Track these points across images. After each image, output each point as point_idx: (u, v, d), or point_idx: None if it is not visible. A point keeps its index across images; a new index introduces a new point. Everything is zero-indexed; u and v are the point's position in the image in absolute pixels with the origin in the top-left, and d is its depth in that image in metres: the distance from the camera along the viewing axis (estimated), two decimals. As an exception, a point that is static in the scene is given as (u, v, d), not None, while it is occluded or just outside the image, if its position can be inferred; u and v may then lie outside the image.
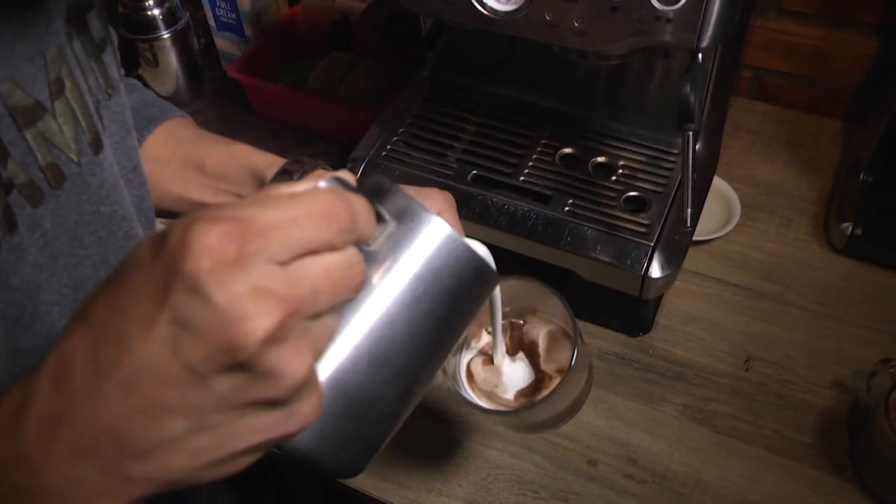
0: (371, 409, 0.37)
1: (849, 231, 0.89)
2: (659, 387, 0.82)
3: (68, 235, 0.47)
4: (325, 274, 0.31)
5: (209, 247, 0.29)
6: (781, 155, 1.04)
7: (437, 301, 0.37)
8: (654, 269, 0.76)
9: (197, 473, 0.32)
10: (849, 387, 0.81)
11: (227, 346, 0.29)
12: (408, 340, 0.36)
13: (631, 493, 0.75)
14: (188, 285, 0.29)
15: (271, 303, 0.29)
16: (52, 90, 0.45)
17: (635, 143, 0.86)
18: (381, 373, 0.36)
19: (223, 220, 0.29)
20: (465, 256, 0.37)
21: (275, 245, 0.30)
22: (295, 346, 0.30)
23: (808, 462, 0.76)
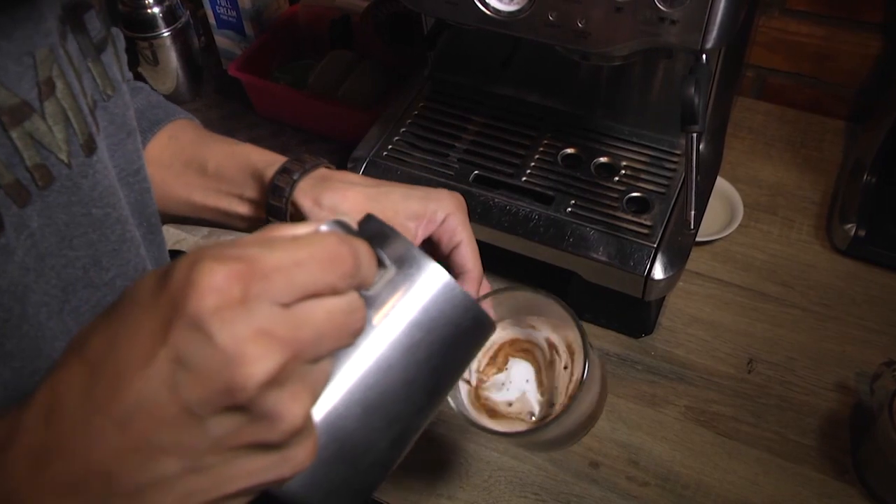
0: (363, 455, 0.37)
1: (852, 232, 0.89)
2: (661, 388, 0.82)
3: (57, 237, 0.47)
4: (328, 318, 0.31)
5: (214, 286, 0.28)
6: (784, 155, 1.04)
7: (434, 349, 0.37)
8: (657, 270, 0.76)
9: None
10: (851, 389, 0.80)
11: (227, 388, 0.28)
12: (402, 387, 0.36)
13: (633, 496, 0.74)
14: (191, 323, 0.28)
15: (273, 346, 0.29)
16: (41, 90, 0.44)
17: (637, 144, 0.86)
18: (375, 419, 0.36)
19: (229, 259, 0.29)
20: (462, 305, 0.37)
21: (279, 287, 0.30)
22: (294, 391, 0.30)
23: (810, 464, 0.75)
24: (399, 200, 0.55)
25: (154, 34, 1.06)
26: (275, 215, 0.57)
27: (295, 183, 0.56)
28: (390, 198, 0.56)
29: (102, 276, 0.51)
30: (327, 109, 1.05)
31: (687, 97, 0.66)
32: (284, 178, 0.56)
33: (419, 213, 0.55)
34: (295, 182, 0.56)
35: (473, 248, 0.56)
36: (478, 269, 0.56)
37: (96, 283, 0.50)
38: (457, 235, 0.55)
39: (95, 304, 0.50)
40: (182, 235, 0.99)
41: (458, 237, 0.55)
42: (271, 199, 0.56)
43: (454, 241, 0.56)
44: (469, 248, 0.56)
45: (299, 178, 0.57)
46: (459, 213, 0.56)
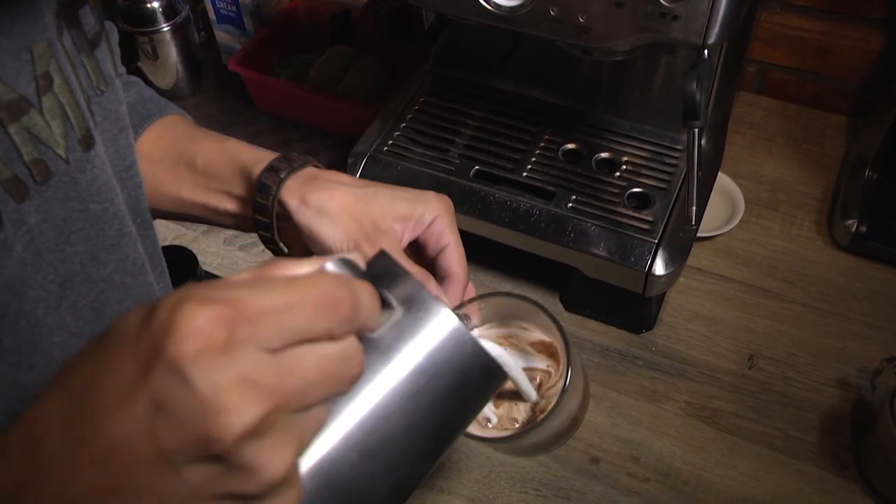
0: (360, 502, 0.35)
1: (853, 228, 0.89)
2: (662, 384, 0.82)
3: (55, 232, 0.46)
4: (319, 366, 0.30)
5: (197, 330, 0.27)
6: (785, 150, 1.04)
7: (439, 397, 0.35)
8: (658, 266, 0.76)
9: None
10: (853, 385, 0.80)
11: (203, 437, 0.27)
12: (403, 435, 0.35)
13: (633, 492, 0.74)
14: (170, 367, 0.27)
15: (255, 395, 0.28)
16: (39, 85, 0.44)
17: (639, 139, 0.86)
18: (372, 466, 0.34)
19: (214, 302, 0.28)
20: (472, 352, 0.35)
21: (267, 332, 0.28)
22: (276, 442, 0.29)
23: (811, 460, 0.75)
24: (387, 202, 0.55)
25: (154, 29, 1.06)
26: (261, 213, 0.57)
27: (282, 181, 0.56)
28: (378, 199, 0.55)
29: (100, 272, 0.51)
30: (327, 104, 1.05)
31: (689, 93, 0.66)
32: (271, 176, 0.56)
33: (406, 215, 0.55)
34: (282, 181, 0.56)
35: (460, 251, 0.55)
36: (464, 273, 0.55)
37: (94, 279, 0.50)
38: (444, 238, 0.55)
39: (93, 300, 0.50)
40: (182, 231, 0.99)
41: (444, 240, 0.55)
42: (258, 196, 0.56)
43: (441, 243, 0.55)
44: (456, 252, 0.55)
45: (286, 177, 0.56)
46: (447, 215, 0.56)
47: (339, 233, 0.53)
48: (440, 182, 0.83)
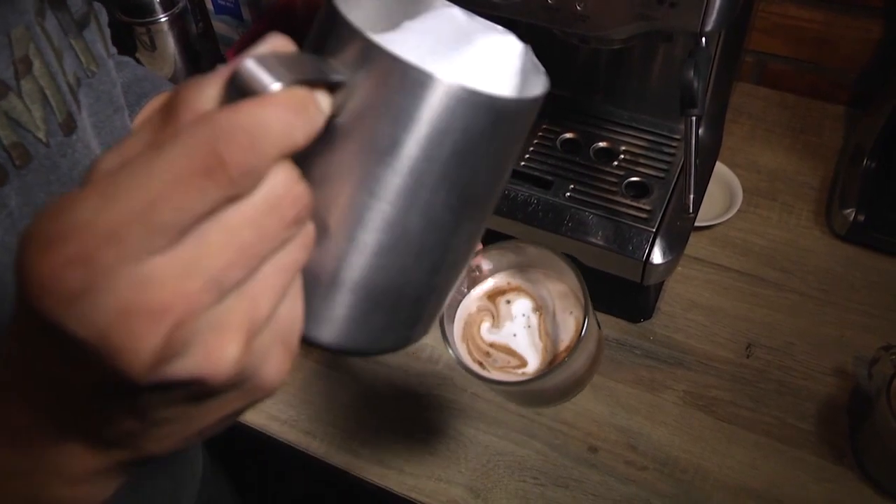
0: (401, 294, 0.31)
1: (851, 217, 0.89)
2: (660, 373, 0.82)
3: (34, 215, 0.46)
4: (228, 242, 0.24)
5: (46, 284, 0.23)
6: (784, 140, 1.04)
7: (447, 168, 0.28)
8: (656, 255, 0.76)
9: (174, 447, 0.29)
10: (850, 374, 0.80)
11: (120, 380, 0.24)
12: (420, 219, 0.29)
13: (631, 480, 0.75)
14: (48, 329, 0.24)
15: (146, 320, 0.23)
16: (17, 69, 0.44)
17: (637, 129, 0.86)
18: (398, 259, 0.30)
19: (58, 240, 0.23)
20: (469, 101, 0.27)
21: (135, 242, 0.23)
22: (206, 345, 0.25)
23: (808, 449, 0.76)
24: None
25: (151, 19, 1.06)
26: None
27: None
28: None
29: None
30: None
31: (686, 80, 0.65)
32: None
33: None
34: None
35: None
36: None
37: None
38: None
39: None
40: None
41: None
42: None
43: None
44: None
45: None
46: None
47: None
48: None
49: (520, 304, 0.59)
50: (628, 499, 0.73)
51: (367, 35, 0.27)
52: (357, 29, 0.27)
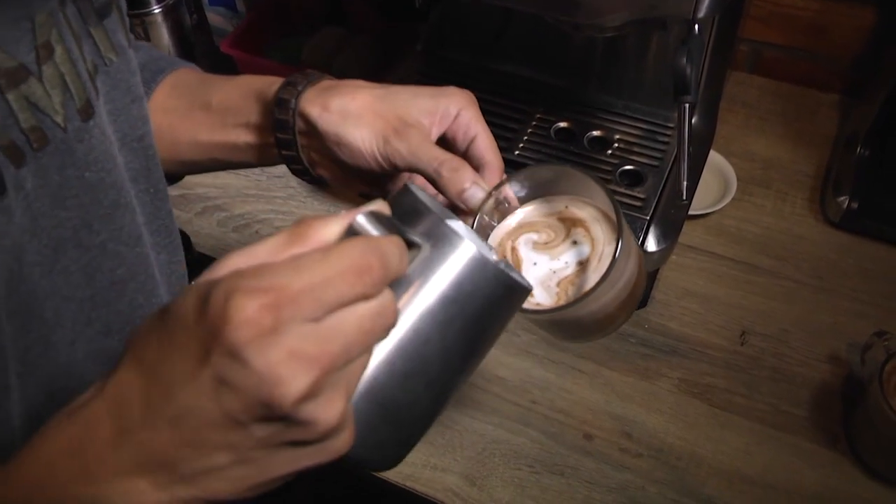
0: (405, 414, 0.39)
1: (845, 205, 0.89)
2: (654, 361, 0.82)
3: (50, 198, 0.47)
4: (358, 326, 0.33)
5: (247, 319, 0.31)
6: (778, 129, 1.04)
7: (469, 321, 0.39)
8: (650, 242, 0.76)
9: (239, 495, 0.35)
10: (843, 360, 0.81)
11: (265, 405, 0.32)
12: (440, 355, 0.38)
13: (626, 467, 0.75)
14: (228, 352, 0.31)
15: (304, 366, 0.32)
16: (39, 54, 0.45)
17: (631, 117, 0.86)
18: (414, 384, 0.38)
19: (260, 291, 0.31)
20: (494, 278, 0.38)
21: (308, 308, 0.32)
22: (328, 398, 0.33)
23: (802, 435, 0.76)
24: (409, 98, 0.54)
25: (145, 11, 1.06)
26: (282, 130, 0.55)
27: (300, 93, 0.54)
28: (400, 97, 0.54)
29: (93, 239, 0.51)
30: (320, 85, 1.04)
31: (679, 67, 0.65)
32: (289, 90, 0.54)
33: (431, 109, 0.53)
34: (300, 92, 0.54)
35: (490, 139, 0.54)
36: (498, 160, 0.54)
37: (86, 245, 0.50)
38: (471, 129, 0.54)
39: (85, 265, 0.50)
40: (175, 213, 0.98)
41: (473, 130, 0.54)
42: (277, 113, 0.54)
43: (469, 134, 0.54)
44: (486, 140, 0.54)
45: (304, 89, 0.54)
46: (472, 107, 0.54)
47: (366, 132, 0.52)
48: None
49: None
50: (623, 486, 0.74)
51: (443, 218, 0.38)
52: (435, 212, 0.38)
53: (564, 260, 0.54)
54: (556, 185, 0.55)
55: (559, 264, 0.54)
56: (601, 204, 0.55)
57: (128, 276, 0.54)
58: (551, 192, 0.55)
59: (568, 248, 0.55)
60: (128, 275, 0.54)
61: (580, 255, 0.54)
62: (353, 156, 0.53)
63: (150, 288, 0.56)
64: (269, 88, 0.56)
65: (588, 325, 0.57)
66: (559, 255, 0.54)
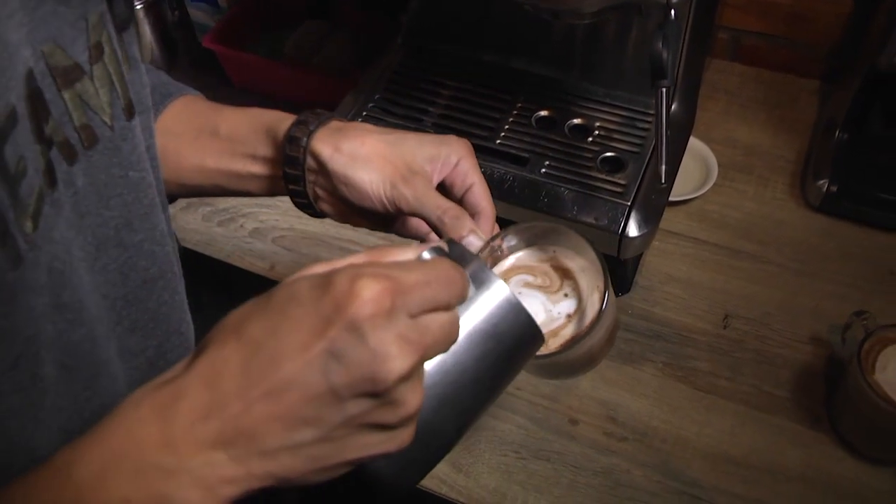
0: (433, 439, 0.43)
1: (825, 189, 0.90)
2: (638, 346, 0.83)
3: (97, 196, 0.48)
4: (441, 329, 0.39)
5: (372, 298, 0.35)
6: (759, 115, 1.04)
7: (499, 356, 0.44)
8: (632, 228, 0.77)
9: (307, 476, 0.38)
10: (825, 341, 0.81)
11: (371, 378, 0.35)
12: (472, 385, 0.43)
13: (612, 451, 0.76)
14: (349, 325, 0.35)
15: (408, 349, 0.36)
16: (91, 54, 0.46)
17: (611, 105, 0.86)
18: (448, 411, 0.43)
19: (382, 277, 0.36)
20: (526, 322, 0.44)
21: (414, 301, 0.37)
22: (415, 385, 0.38)
23: (785, 415, 0.77)
24: (415, 145, 0.57)
25: (126, 8, 1.05)
26: (292, 166, 0.57)
27: (312, 133, 0.56)
28: (407, 143, 0.57)
29: (132, 238, 0.52)
30: (303, 79, 1.05)
31: (655, 52, 0.66)
32: (301, 128, 0.57)
33: (434, 157, 0.57)
34: (312, 132, 0.56)
35: (486, 188, 0.58)
36: (492, 209, 0.58)
37: (125, 244, 0.52)
38: (469, 178, 0.58)
39: (122, 264, 0.52)
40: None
41: (470, 179, 0.58)
42: (288, 150, 0.57)
43: (467, 183, 0.58)
44: (482, 189, 0.58)
45: (316, 129, 0.57)
46: (470, 157, 0.58)
47: (375, 175, 0.55)
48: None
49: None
50: (609, 470, 0.74)
51: (493, 272, 0.44)
52: (482, 262, 0.45)
53: (557, 311, 0.60)
54: (545, 238, 0.62)
55: (552, 314, 0.60)
56: (587, 258, 0.61)
57: (157, 275, 0.55)
58: (540, 243, 0.62)
59: (560, 298, 0.61)
60: (158, 273, 0.55)
61: (569, 307, 0.60)
62: (359, 196, 0.56)
63: (174, 286, 0.58)
64: (280, 124, 0.58)
65: (576, 366, 0.65)
66: (553, 303, 0.60)
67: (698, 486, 0.73)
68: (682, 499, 0.72)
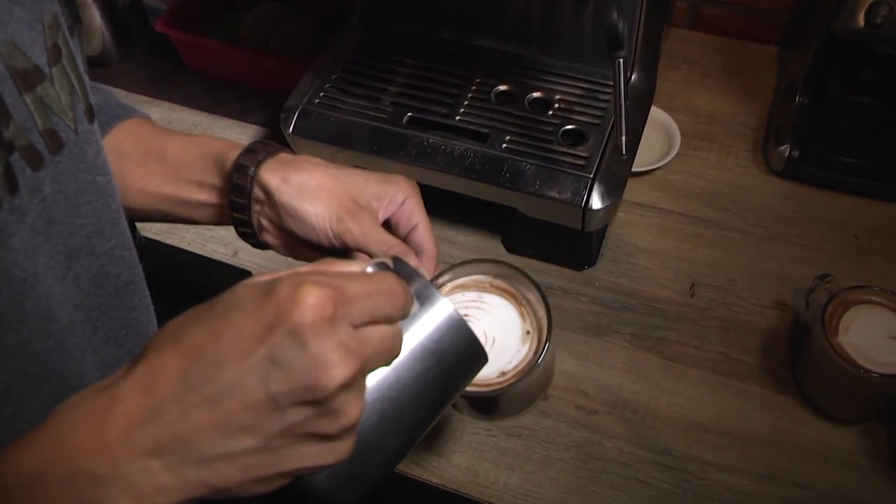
0: (374, 456, 0.43)
1: (786, 154, 0.90)
2: (606, 318, 0.83)
3: (66, 203, 0.47)
4: (382, 341, 0.39)
5: (314, 305, 0.35)
6: (720, 83, 1.04)
7: (441, 373, 0.44)
8: (595, 200, 0.76)
9: (242, 486, 0.37)
10: (790, 305, 0.82)
11: (311, 386, 0.35)
12: (413, 403, 0.43)
13: (582, 424, 0.76)
14: (291, 332, 0.35)
15: (349, 358, 0.36)
16: (49, 56, 0.45)
17: (570, 77, 0.86)
18: (389, 427, 0.43)
19: (325, 285, 0.36)
20: (468, 340, 0.45)
21: (357, 311, 0.37)
22: (355, 395, 0.37)
23: (752, 381, 0.77)
24: (363, 182, 0.58)
25: (75, -6, 1.03)
26: (238, 195, 0.57)
27: (261, 163, 0.57)
28: (354, 179, 0.58)
29: (104, 245, 0.51)
30: (259, 61, 1.03)
31: (611, 22, 0.66)
32: (250, 157, 0.57)
33: (381, 195, 0.58)
34: (260, 162, 0.57)
35: (430, 229, 0.59)
36: (435, 248, 0.60)
37: (97, 252, 0.51)
38: (414, 218, 0.59)
39: (95, 273, 0.51)
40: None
41: (415, 219, 0.59)
42: (236, 178, 0.57)
43: (412, 222, 0.59)
44: (426, 230, 0.59)
45: (265, 159, 0.57)
46: (416, 196, 0.59)
47: (321, 209, 0.56)
48: (374, 131, 0.82)
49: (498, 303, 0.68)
50: (580, 443, 0.74)
51: (437, 290, 0.45)
52: (427, 280, 0.45)
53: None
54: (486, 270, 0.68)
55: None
56: (528, 292, 0.67)
57: (128, 280, 0.55)
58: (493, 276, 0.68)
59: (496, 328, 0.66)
60: (128, 279, 0.55)
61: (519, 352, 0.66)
62: (305, 229, 0.57)
63: (141, 289, 0.57)
64: (229, 153, 0.58)
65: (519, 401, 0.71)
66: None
67: (669, 455, 0.73)
68: (654, 468, 0.72)
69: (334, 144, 0.83)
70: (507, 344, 0.65)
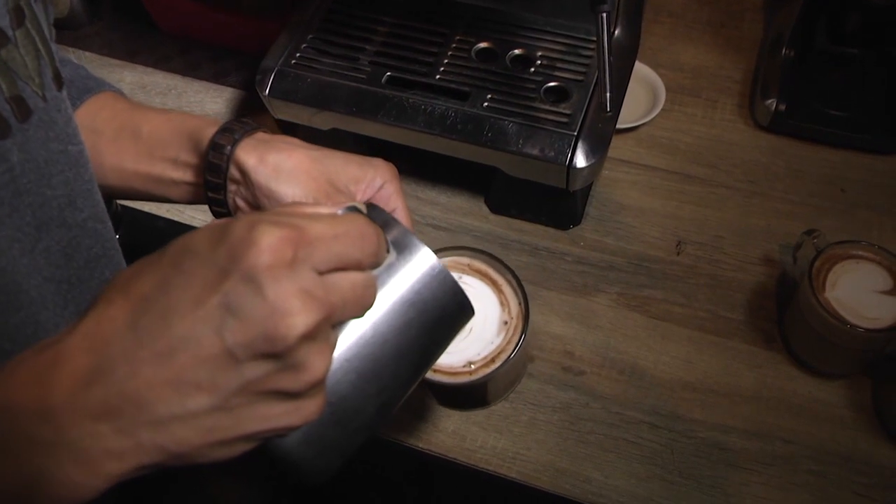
0: (352, 419, 0.40)
1: (773, 107, 0.89)
2: (592, 278, 0.82)
3: (37, 174, 0.46)
4: (352, 289, 0.36)
5: (271, 246, 0.32)
6: (705, 36, 1.02)
7: (423, 328, 0.41)
8: (579, 158, 0.75)
9: (202, 451, 0.34)
10: (776, 261, 0.81)
11: (269, 336, 0.32)
12: (393, 361, 0.40)
13: (570, 386, 0.75)
14: (246, 276, 0.32)
15: (312, 305, 0.33)
16: (12, 17, 0.43)
17: (552, 33, 0.83)
18: (367, 387, 0.40)
19: (284, 225, 0.33)
20: (451, 290, 0.42)
21: (321, 255, 0.34)
22: (320, 347, 0.34)
23: (740, 338, 0.77)
24: (341, 165, 0.56)
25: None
26: (214, 174, 0.55)
27: (237, 141, 0.55)
28: (332, 161, 0.56)
29: (76, 217, 0.50)
30: (233, 21, 1.00)
31: (593, -26, 0.64)
32: (226, 136, 0.55)
33: (359, 178, 0.56)
34: (237, 141, 0.55)
35: (408, 213, 0.58)
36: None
37: (69, 224, 0.49)
38: (392, 202, 0.57)
39: (67, 245, 0.49)
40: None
41: (393, 203, 0.57)
42: (211, 156, 0.55)
43: (390, 207, 0.57)
44: (405, 214, 0.58)
45: (241, 138, 0.56)
46: (395, 181, 0.57)
47: (298, 190, 0.54)
48: (352, 91, 0.80)
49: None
50: (567, 405, 0.74)
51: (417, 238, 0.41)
52: (406, 228, 0.42)
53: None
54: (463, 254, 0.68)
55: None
56: (502, 278, 0.67)
57: (101, 253, 0.53)
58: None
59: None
60: (101, 251, 0.53)
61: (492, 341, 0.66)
62: None
63: (116, 261, 0.56)
64: (204, 130, 0.57)
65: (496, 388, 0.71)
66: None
67: (657, 415, 0.73)
68: (642, 428, 0.72)
69: (312, 106, 0.81)
70: (483, 334, 0.65)
